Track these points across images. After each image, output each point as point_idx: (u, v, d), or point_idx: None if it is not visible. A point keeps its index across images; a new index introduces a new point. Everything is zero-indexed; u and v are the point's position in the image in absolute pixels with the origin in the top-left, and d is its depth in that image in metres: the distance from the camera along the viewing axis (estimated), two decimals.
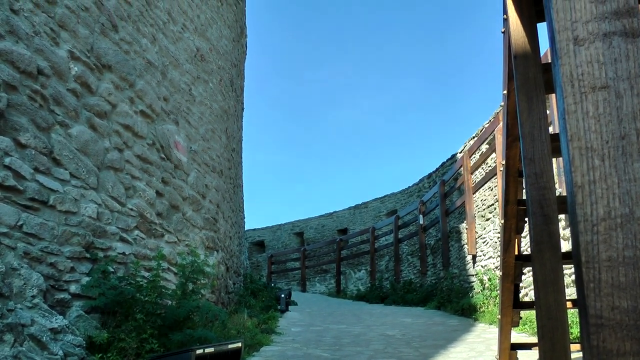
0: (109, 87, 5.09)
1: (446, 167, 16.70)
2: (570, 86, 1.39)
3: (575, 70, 1.40)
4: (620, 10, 1.40)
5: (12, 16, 3.97)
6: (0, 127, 3.76)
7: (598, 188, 1.36)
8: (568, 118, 1.39)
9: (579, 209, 1.36)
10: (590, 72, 1.39)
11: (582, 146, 1.38)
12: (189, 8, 7.35)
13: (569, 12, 1.43)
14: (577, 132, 1.39)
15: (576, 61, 1.40)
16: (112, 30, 5.24)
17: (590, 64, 1.39)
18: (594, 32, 1.40)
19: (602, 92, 1.38)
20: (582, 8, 1.43)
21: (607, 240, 1.33)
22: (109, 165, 5.00)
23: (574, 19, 1.42)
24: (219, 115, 8.43)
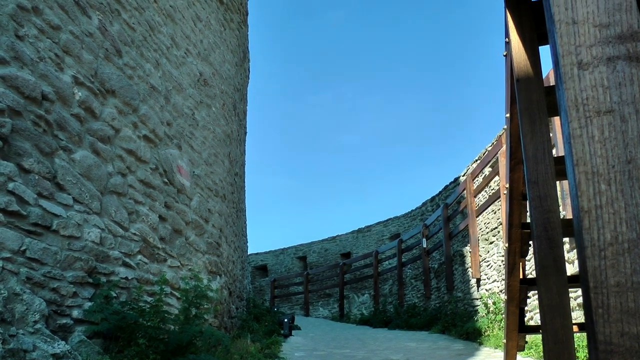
0: (113, 112, 5.11)
1: (449, 190, 16.67)
2: (575, 110, 1.39)
3: (579, 95, 1.40)
4: (624, 34, 1.40)
5: (17, 42, 4.00)
6: (4, 152, 3.77)
7: (605, 213, 1.35)
8: (574, 142, 1.38)
9: (586, 234, 1.34)
10: (595, 97, 1.39)
11: (588, 171, 1.37)
12: (192, 33, 7.40)
13: (572, 36, 1.43)
14: (582, 157, 1.38)
15: (580, 85, 1.40)
16: (116, 56, 5.27)
17: (595, 88, 1.39)
18: (598, 57, 1.40)
19: (607, 116, 1.38)
20: (586, 32, 1.43)
21: (615, 266, 1.32)
22: (112, 190, 5.00)
23: (578, 44, 1.42)
24: (222, 140, 8.45)
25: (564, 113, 1.42)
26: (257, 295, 20.83)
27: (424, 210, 19.22)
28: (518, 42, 3.29)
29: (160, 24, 6.37)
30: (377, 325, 14.38)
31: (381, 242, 21.30)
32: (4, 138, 3.76)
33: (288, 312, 17.54)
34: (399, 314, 14.30)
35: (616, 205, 1.34)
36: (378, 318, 15.02)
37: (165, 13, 6.55)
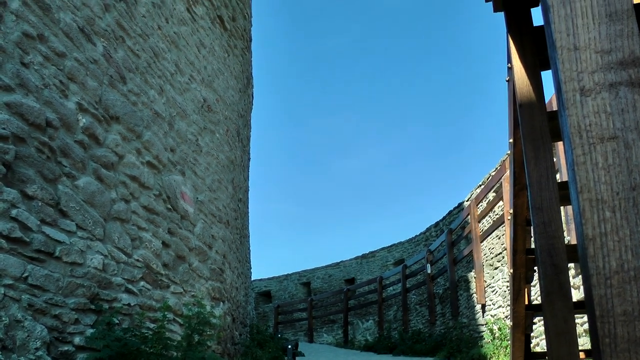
0: (117, 139, 5.12)
1: (453, 215, 16.64)
2: (578, 137, 1.38)
3: (582, 121, 1.39)
4: (626, 60, 1.40)
5: (23, 69, 4.03)
6: (7, 179, 3.78)
7: (610, 240, 1.33)
8: (577, 169, 1.38)
9: (591, 262, 1.33)
10: (598, 123, 1.38)
11: (593, 198, 1.36)
12: (196, 59, 7.45)
13: (574, 62, 1.43)
14: (587, 184, 1.37)
15: (583, 112, 1.40)
16: (121, 82, 5.30)
17: (598, 115, 1.39)
18: (600, 83, 1.40)
19: (611, 143, 1.37)
20: (588, 58, 1.43)
21: (622, 294, 1.30)
22: (115, 216, 5.00)
23: (580, 70, 1.42)
24: (226, 166, 8.46)
25: (567, 139, 1.41)
26: (261, 322, 20.69)
27: (428, 236, 19.17)
28: (520, 68, 3.30)
29: (164, 51, 6.42)
30: (381, 352, 14.24)
31: (385, 268, 21.22)
32: (7, 165, 3.77)
33: (292, 338, 17.40)
34: (403, 340, 14.16)
35: (621, 232, 1.33)
36: (382, 344, 14.88)
37: (169, 40, 6.60)
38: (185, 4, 7.25)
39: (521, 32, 3.39)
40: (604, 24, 1.43)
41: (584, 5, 1.46)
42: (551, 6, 1.46)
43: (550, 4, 1.46)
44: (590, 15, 1.45)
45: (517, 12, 3.44)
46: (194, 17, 7.54)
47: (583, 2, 1.46)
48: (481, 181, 14.25)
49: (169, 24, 6.66)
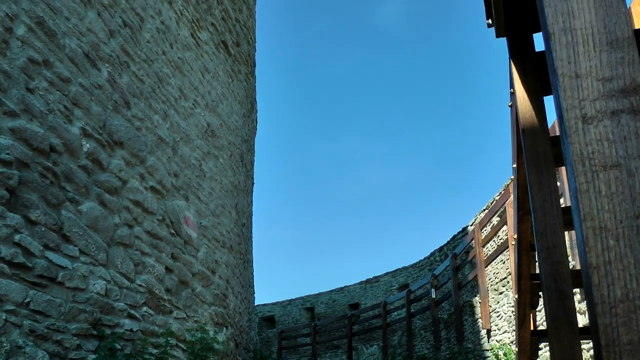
0: (120, 164, 5.14)
1: (457, 240, 16.57)
2: (581, 165, 1.38)
3: (585, 149, 1.39)
4: (627, 88, 1.40)
5: (28, 95, 4.05)
6: (11, 204, 3.78)
7: (614, 269, 1.32)
8: (580, 197, 1.37)
9: (596, 291, 1.32)
10: (601, 151, 1.38)
11: (596, 226, 1.35)
12: (200, 84, 7.49)
13: (576, 90, 1.43)
14: (590, 212, 1.36)
15: (586, 139, 1.40)
16: (125, 107, 5.33)
17: (600, 142, 1.38)
18: (602, 110, 1.40)
19: (614, 171, 1.36)
20: (589, 86, 1.43)
21: (627, 323, 1.29)
22: (118, 241, 4.99)
23: (582, 97, 1.42)
24: (229, 191, 8.46)
25: (569, 167, 1.41)
26: (264, 347, 20.55)
27: (432, 261, 19.07)
28: (523, 93, 3.31)
29: (168, 76, 6.46)
30: None
31: (390, 293, 21.09)
32: (11, 190, 3.78)
33: None
34: None
35: (625, 261, 1.32)
36: None
37: (173, 65, 6.65)
38: (189, 29, 7.31)
39: (523, 57, 3.41)
40: (605, 51, 1.44)
41: (584, 33, 1.46)
42: (552, 34, 1.47)
43: (552, 32, 1.47)
44: (591, 43, 1.45)
45: (519, 38, 3.46)
46: (199, 42, 7.60)
47: (584, 30, 1.46)
48: (485, 205, 14.22)
49: (174, 50, 6.71)
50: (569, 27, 1.47)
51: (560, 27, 1.47)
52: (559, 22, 1.48)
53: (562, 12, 1.49)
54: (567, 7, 1.48)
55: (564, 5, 1.48)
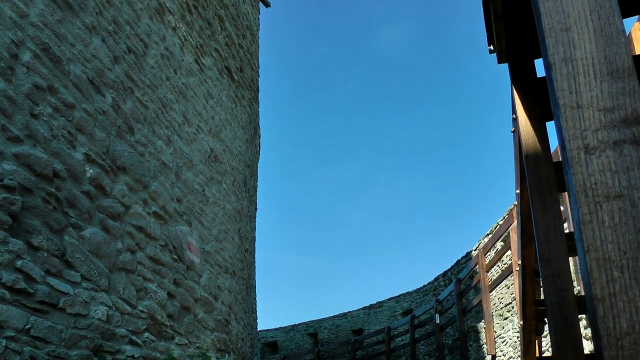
0: (123, 189, 5.14)
1: (461, 265, 16.50)
2: (584, 195, 1.37)
3: (588, 180, 1.38)
4: (629, 118, 1.40)
5: (32, 120, 4.07)
6: (13, 229, 3.78)
7: (619, 301, 1.30)
8: (584, 228, 1.36)
9: (601, 323, 1.30)
10: (604, 181, 1.37)
11: (600, 257, 1.34)
12: (203, 110, 7.52)
13: (577, 120, 1.43)
14: (593, 243, 1.35)
15: (588, 170, 1.39)
16: (128, 133, 5.35)
17: (603, 173, 1.38)
18: (604, 141, 1.40)
19: (617, 202, 1.36)
20: (591, 116, 1.43)
21: (634, 356, 1.27)
22: (120, 266, 4.97)
23: (584, 128, 1.42)
24: (232, 216, 8.45)
25: (572, 197, 1.40)
26: None
27: (436, 286, 18.98)
28: (525, 119, 3.31)
29: (172, 101, 6.49)
30: None
31: (393, 318, 20.96)
32: (14, 215, 3.78)
33: None
34: None
35: (630, 293, 1.30)
36: None
37: (177, 91, 6.68)
38: (193, 55, 7.36)
39: (525, 83, 3.42)
40: (606, 82, 1.44)
41: (585, 63, 1.47)
42: (553, 64, 1.47)
43: (552, 62, 1.47)
44: (591, 73, 1.45)
45: (520, 64, 3.47)
46: (202, 68, 7.65)
47: (584, 61, 1.47)
48: (489, 230, 14.18)
49: (178, 75, 6.75)
50: (570, 58, 1.47)
51: (561, 57, 1.48)
52: (560, 52, 1.48)
53: (562, 42, 1.49)
54: (567, 37, 1.49)
55: (564, 35, 1.49)
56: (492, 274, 12.76)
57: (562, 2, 1.51)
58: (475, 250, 15.19)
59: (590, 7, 1.47)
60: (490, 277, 11.98)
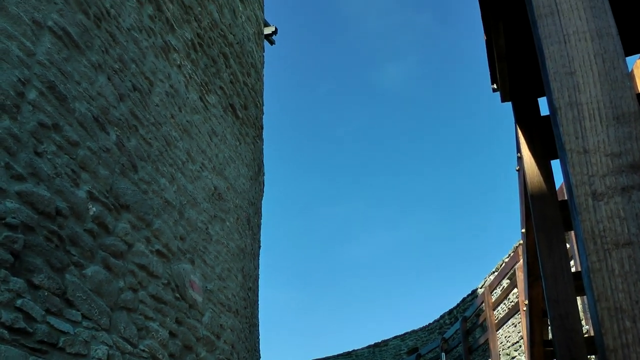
0: (126, 227, 5.11)
1: (467, 302, 16.36)
2: (592, 243, 1.34)
3: (596, 227, 1.35)
4: (637, 163, 1.38)
5: (36, 159, 4.07)
6: (15, 268, 3.74)
7: (632, 352, 1.26)
8: (593, 277, 1.32)
9: None
10: (612, 228, 1.35)
11: (611, 307, 1.30)
12: (207, 147, 7.54)
13: (585, 166, 1.41)
14: (604, 292, 1.32)
15: (596, 217, 1.36)
16: (132, 171, 5.34)
17: (612, 220, 1.35)
18: (612, 187, 1.37)
19: (627, 249, 1.32)
20: (598, 162, 1.41)
21: None
22: (122, 305, 4.92)
23: (591, 173, 1.40)
24: (236, 254, 8.40)
25: (581, 244, 1.37)
26: None
27: (442, 324, 18.78)
28: (530, 158, 3.30)
29: (176, 139, 6.50)
30: None
31: (399, 357, 20.70)
32: (15, 254, 3.75)
33: None
34: None
35: None
36: None
37: (181, 128, 6.70)
38: (198, 92, 7.41)
39: (529, 122, 3.41)
40: (612, 126, 1.42)
41: (590, 107, 1.45)
42: (558, 109, 1.45)
43: (558, 107, 1.46)
44: (597, 117, 1.44)
45: (524, 102, 3.47)
46: (207, 105, 7.69)
47: (590, 105, 1.45)
48: (494, 267, 14.10)
49: (182, 113, 6.78)
50: (575, 102, 1.46)
51: (566, 101, 1.46)
52: (565, 96, 1.47)
53: (567, 86, 1.48)
54: (572, 81, 1.47)
55: (569, 79, 1.48)
56: (499, 312, 12.64)
57: (566, 45, 1.50)
58: (481, 287, 15.06)
59: (594, 51, 1.46)
60: (496, 315, 11.85)
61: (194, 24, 7.53)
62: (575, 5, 1.48)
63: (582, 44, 1.48)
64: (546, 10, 1.51)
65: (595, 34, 1.46)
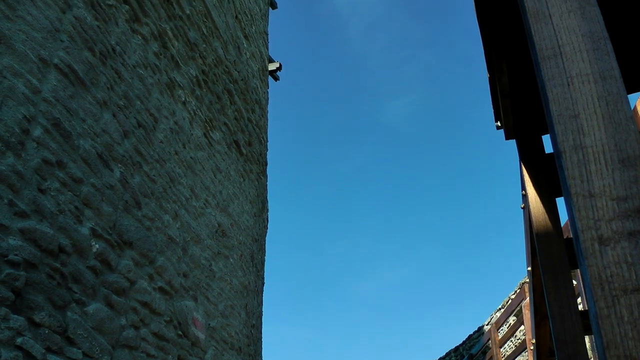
0: (129, 264, 5.09)
1: (473, 339, 16.16)
2: (600, 289, 1.31)
3: (603, 272, 1.33)
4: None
5: (39, 195, 4.07)
6: (16, 305, 3.71)
7: None
8: (602, 324, 1.30)
9: None
10: (620, 274, 1.32)
11: (621, 355, 1.27)
12: (211, 184, 7.54)
13: (590, 210, 1.39)
14: (613, 339, 1.29)
15: (603, 262, 1.34)
16: (136, 207, 5.34)
17: (619, 265, 1.33)
18: (618, 231, 1.35)
19: (635, 295, 1.30)
20: (604, 206, 1.39)
21: None
22: (124, 343, 4.86)
23: (597, 218, 1.38)
24: (239, 291, 8.34)
25: (588, 290, 1.34)
26: None
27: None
28: (535, 196, 3.28)
29: (180, 176, 6.51)
30: None
31: None
32: (17, 291, 3.72)
33: None
34: None
35: None
36: None
37: (186, 165, 6.71)
38: (202, 129, 7.44)
39: (534, 160, 3.41)
40: (618, 170, 1.40)
41: (595, 151, 1.44)
42: (563, 152, 1.44)
43: (562, 150, 1.45)
44: (602, 161, 1.43)
45: (528, 140, 3.47)
46: (211, 142, 7.71)
47: (595, 148, 1.44)
48: (500, 304, 13.97)
49: (186, 149, 6.80)
50: (580, 145, 1.45)
51: (570, 144, 1.45)
52: (569, 139, 1.46)
53: (571, 129, 1.47)
54: (576, 124, 1.46)
55: (573, 122, 1.47)
56: (506, 350, 12.47)
57: (569, 88, 1.49)
58: (487, 324, 14.90)
59: (598, 94, 1.45)
60: (503, 352, 11.70)
61: (199, 60, 7.60)
62: (578, 47, 1.48)
63: (585, 86, 1.47)
64: (549, 52, 1.51)
65: (598, 76, 1.45)
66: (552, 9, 1.55)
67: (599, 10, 1.50)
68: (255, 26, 10.67)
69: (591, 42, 1.47)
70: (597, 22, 1.48)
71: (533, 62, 1.65)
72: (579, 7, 1.51)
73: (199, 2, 7.78)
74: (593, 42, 1.46)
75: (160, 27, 6.45)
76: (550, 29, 1.53)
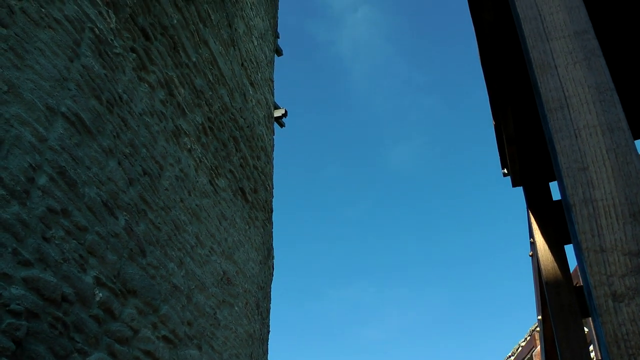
0: (133, 313, 5.03)
1: None
2: (616, 347, 1.27)
3: (618, 330, 1.29)
4: None
5: (43, 244, 4.04)
6: (16, 356, 3.66)
7: None
8: None
9: None
10: (635, 331, 1.28)
11: None
12: (217, 231, 7.50)
13: (602, 265, 1.35)
14: None
15: (618, 319, 1.30)
16: (140, 256, 5.30)
17: (634, 322, 1.29)
18: (632, 287, 1.32)
19: None
20: (616, 261, 1.35)
21: None
22: None
23: (610, 273, 1.34)
24: (244, 340, 8.23)
25: (603, 348, 1.30)
26: None
27: None
28: (543, 244, 3.24)
29: (185, 223, 6.49)
30: None
31: None
32: (18, 341, 3.67)
33: None
34: None
35: None
36: None
37: (191, 212, 6.69)
38: (208, 176, 7.44)
39: (541, 207, 3.37)
40: (629, 223, 1.37)
41: (606, 204, 1.41)
42: (573, 205, 1.41)
43: (572, 203, 1.42)
44: (613, 214, 1.39)
45: (535, 187, 3.44)
46: (216, 189, 7.71)
47: (605, 202, 1.41)
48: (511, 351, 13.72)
49: (192, 197, 6.79)
50: (590, 198, 1.42)
51: (580, 198, 1.42)
52: (579, 193, 1.43)
53: (581, 182, 1.44)
54: (585, 177, 1.44)
55: (582, 175, 1.44)
56: None
57: (577, 140, 1.47)
58: None
59: (606, 146, 1.43)
60: None
61: (205, 108, 7.65)
62: (585, 99, 1.47)
63: (593, 138, 1.45)
64: (556, 104, 1.49)
65: (606, 128, 1.43)
66: (558, 60, 1.54)
67: (604, 61, 1.48)
68: (261, 73, 10.78)
69: (597, 94, 1.45)
70: (603, 74, 1.47)
71: (539, 114, 1.63)
72: (584, 58, 1.50)
73: (205, 50, 7.88)
74: (599, 93, 1.44)
75: (167, 75, 6.52)
76: (556, 80, 1.52)
